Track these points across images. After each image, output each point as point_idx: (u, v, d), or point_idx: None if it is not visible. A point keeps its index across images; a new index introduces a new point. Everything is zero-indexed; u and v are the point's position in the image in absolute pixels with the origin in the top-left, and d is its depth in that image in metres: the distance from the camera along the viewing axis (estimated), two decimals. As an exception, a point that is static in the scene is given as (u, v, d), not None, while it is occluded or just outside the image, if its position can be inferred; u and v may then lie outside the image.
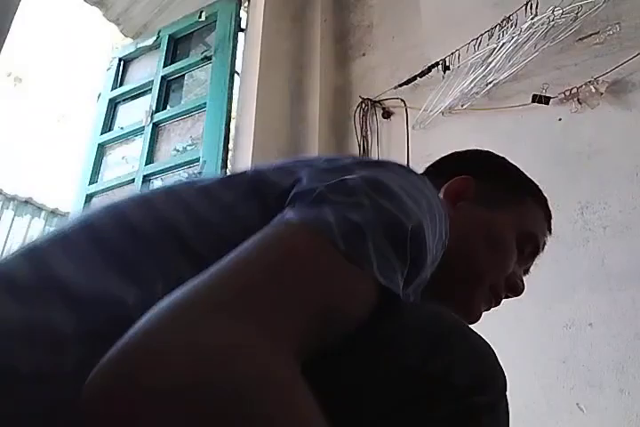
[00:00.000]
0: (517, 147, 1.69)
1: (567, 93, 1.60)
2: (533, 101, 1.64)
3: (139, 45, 2.52)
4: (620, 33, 1.54)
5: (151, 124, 2.21)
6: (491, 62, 1.75)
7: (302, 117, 2.15)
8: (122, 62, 2.59)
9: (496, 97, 1.78)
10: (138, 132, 2.27)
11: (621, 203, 1.45)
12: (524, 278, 0.79)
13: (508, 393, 0.44)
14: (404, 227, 0.43)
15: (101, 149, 2.38)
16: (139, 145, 2.23)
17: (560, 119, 1.63)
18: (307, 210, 0.42)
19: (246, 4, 2.37)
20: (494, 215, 0.72)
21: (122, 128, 2.34)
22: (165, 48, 2.39)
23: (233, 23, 2.24)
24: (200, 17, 2.32)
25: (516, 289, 0.74)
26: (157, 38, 2.45)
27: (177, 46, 2.44)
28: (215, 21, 2.29)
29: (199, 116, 2.13)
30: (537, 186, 0.82)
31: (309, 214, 0.41)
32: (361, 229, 0.40)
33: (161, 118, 2.22)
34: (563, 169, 1.57)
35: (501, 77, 1.74)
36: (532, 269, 0.81)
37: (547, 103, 1.62)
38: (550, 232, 0.80)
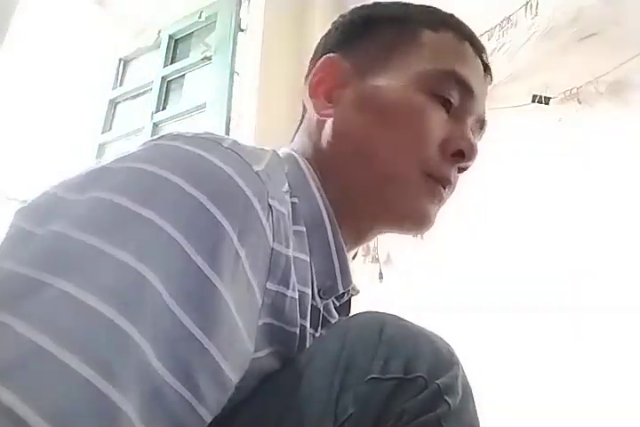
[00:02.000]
0: (517, 147, 1.69)
1: (567, 93, 1.60)
2: (533, 101, 1.65)
3: (138, 45, 2.52)
4: (620, 33, 1.54)
5: (151, 125, 2.21)
6: (490, 62, 1.75)
7: (302, 117, 2.14)
8: (121, 62, 2.59)
9: (496, 97, 1.78)
10: (137, 132, 2.27)
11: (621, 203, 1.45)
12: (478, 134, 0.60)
13: (496, 394, 0.45)
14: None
15: (101, 149, 2.38)
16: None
17: (560, 119, 1.63)
18: None
19: (246, 3, 2.37)
20: (378, 84, 0.54)
21: (121, 128, 2.34)
22: (165, 48, 2.39)
23: (233, 23, 2.24)
24: (200, 17, 2.32)
25: (465, 151, 0.54)
26: (157, 38, 2.45)
27: (177, 46, 2.44)
28: (215, 21, 2.29)
29: (199, 116, 2.13)
30: (431, 11, 0.61)
31: None
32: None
33: (161, 118, 2.21)
34: (563, 169, 1.57)
35: (501, 77, 1.74)
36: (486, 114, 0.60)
37: (547, 103, 1.63)
38: (480, 53, 0.61)
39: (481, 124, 0.59)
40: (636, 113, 1.51)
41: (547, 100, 1.63)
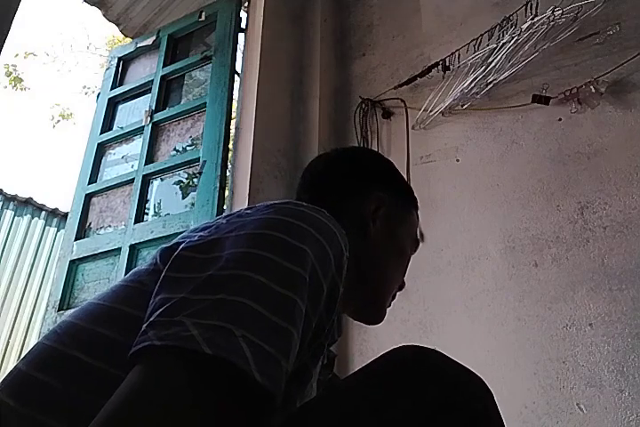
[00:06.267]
0: (517, 147, 1.69)
1: (567, 93, 1.60)
2: (533, 101, 1.65)
3: (138, 45, 2.52)
4: (620, 33, 1.54)
5: (151, 124, 2.21)
6: (491, 62, 1.75)
7: (302, 117, 2.15)
8: (121, 62, 2.59)
9: (496, 97, 1.78)
10: (137, 131, 2.27)
11: (621, 203, 1.45)
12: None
13: (497, 393, 0.45)
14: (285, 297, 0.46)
15: (101, 149, 2.38)
16: (138, 145, 2.22)
17: (560, 119, 1.63)
18: (165, 328, 0.42)
19: (246, 4, 2.37)
20: (399, 230, 0.79)
21: (121, 128, 2.34)
22: (165, 48, 2.39)
23: (233, 23, 2.24)
24: (200, 17, 2.32)
25: (403, 285, 0.82)
26: (157, 38, 2.45)
27: (177, 46, 2.44)
28: (215, 21, 2.29)
29: (199, 116, 2.13)
30: (413, 194, 0.86)
31: (169, 335, 0.41)
32: (226, 328, 0.41)
33: (160, 118, 2.22)
34: (563, 169, 1.57)
35: (501, 77, 1.74)
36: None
37: (547, 103, 1.63)
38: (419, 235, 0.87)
39: (416, 244, 0.85)
40: (636, 113, 1.51)
41: (547, 100, 1.62)
